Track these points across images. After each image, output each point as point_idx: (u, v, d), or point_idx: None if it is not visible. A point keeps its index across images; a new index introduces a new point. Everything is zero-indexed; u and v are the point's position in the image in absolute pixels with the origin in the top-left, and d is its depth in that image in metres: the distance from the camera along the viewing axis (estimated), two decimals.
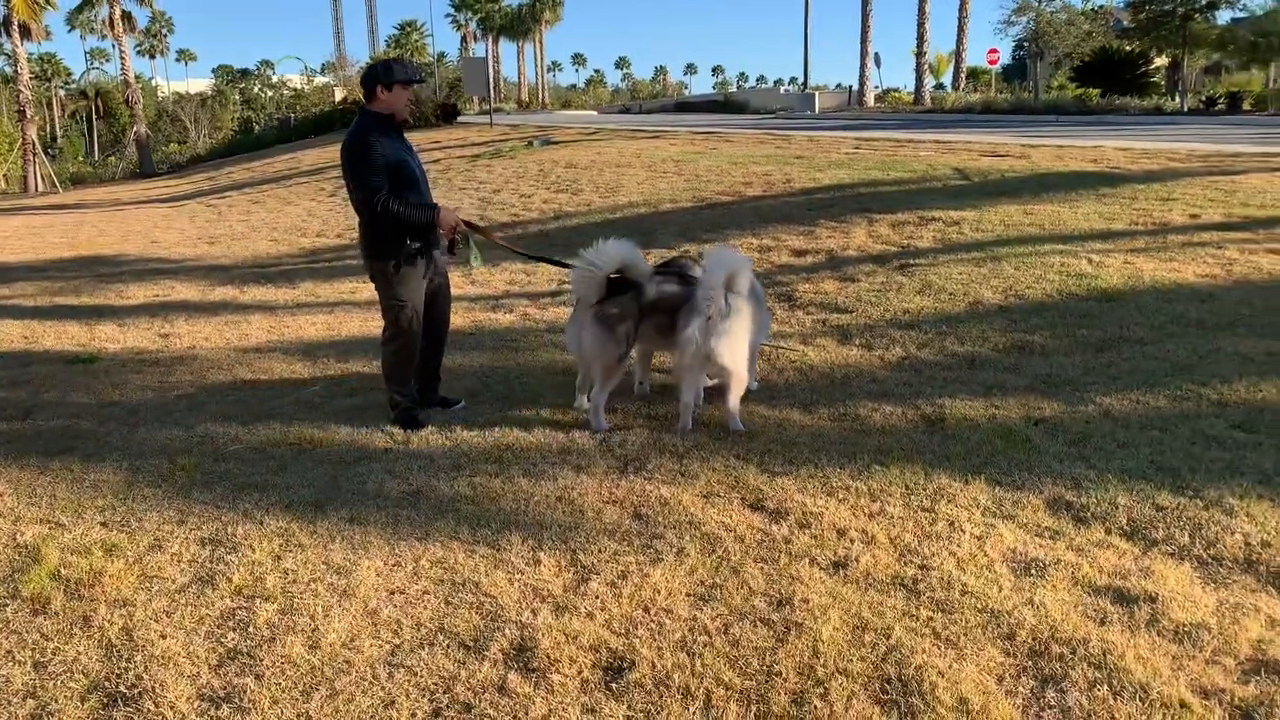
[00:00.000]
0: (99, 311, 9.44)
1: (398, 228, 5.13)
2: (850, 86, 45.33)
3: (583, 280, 5.27)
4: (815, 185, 12.24)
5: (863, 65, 38.25)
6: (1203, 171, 10.75)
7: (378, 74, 5.19)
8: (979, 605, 3.22)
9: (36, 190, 37.01)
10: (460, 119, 36.58)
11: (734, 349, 5.02)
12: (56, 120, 65.91)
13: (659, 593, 3.38)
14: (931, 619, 3.14)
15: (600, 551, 3.71)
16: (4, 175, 39.34)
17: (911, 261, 8.12)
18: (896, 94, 48.54)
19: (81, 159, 52.38)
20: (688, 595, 3.36)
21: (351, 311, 8.90)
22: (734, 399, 5.13)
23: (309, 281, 10.77)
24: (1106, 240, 8.07)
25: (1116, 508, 3.87)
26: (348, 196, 5.33)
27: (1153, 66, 35.56)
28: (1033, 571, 3.44)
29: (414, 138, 6.08)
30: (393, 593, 3.48)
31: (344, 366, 6.93)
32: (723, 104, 52.40)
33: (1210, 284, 6.73)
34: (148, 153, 44.37)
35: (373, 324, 8.04)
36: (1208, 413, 4.74)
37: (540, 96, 70.31)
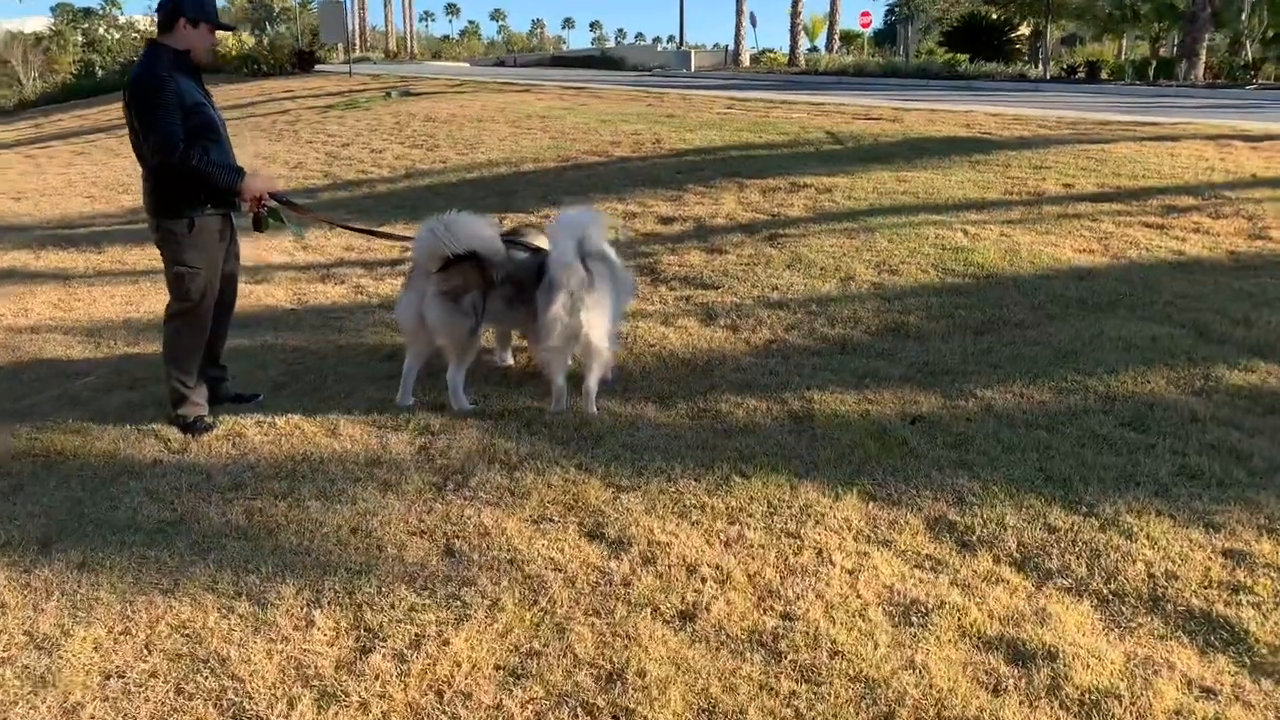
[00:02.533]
0: None
1: (194, 183, 4.26)
2: (727, 46, 44.87)
3: (426, 247, 4.58)
4: (685, 147, 11.59)
5: (738, 25, 37.75)
6: (1072, 139, 10.58)
7: (181, 4, 4.31)
8: (851, 671, 2.63)
9: None
10: (320, 68, 34.40)
11: (603, 322, 4.50)
12: None
13: (459, 666, 2.67)
14: (795, 695, 2.54)
15: (393, 607, 2.98)
16: None
17: (782, 232, 7.56)
18: (772, 55, 48.36)
19: None
20: (496, 669, 2.67)
21: (159, 282, 7.72)
22: (594, 379, 4.59)
23: (119, 245, 9.49)
24: (981, 210, 7.70)
25: (1005, 529, 3.36)
26: (131, 142, 4.39)
27: (1017, 34, 36.27)
28: (913, 618, 2.88)
29: (267, 86, 5.30)
30: (110, 676, 2.66)
31: (133, 350, 5.93)
32: (599, 60, 51.15)
33: (1088, 260, 6.39)
34: None
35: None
36: (1095, 408, 4.31)
37: (409, 46, 67.38)
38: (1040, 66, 28.40)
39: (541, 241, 5.17)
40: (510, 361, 5.40)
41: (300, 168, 13.57)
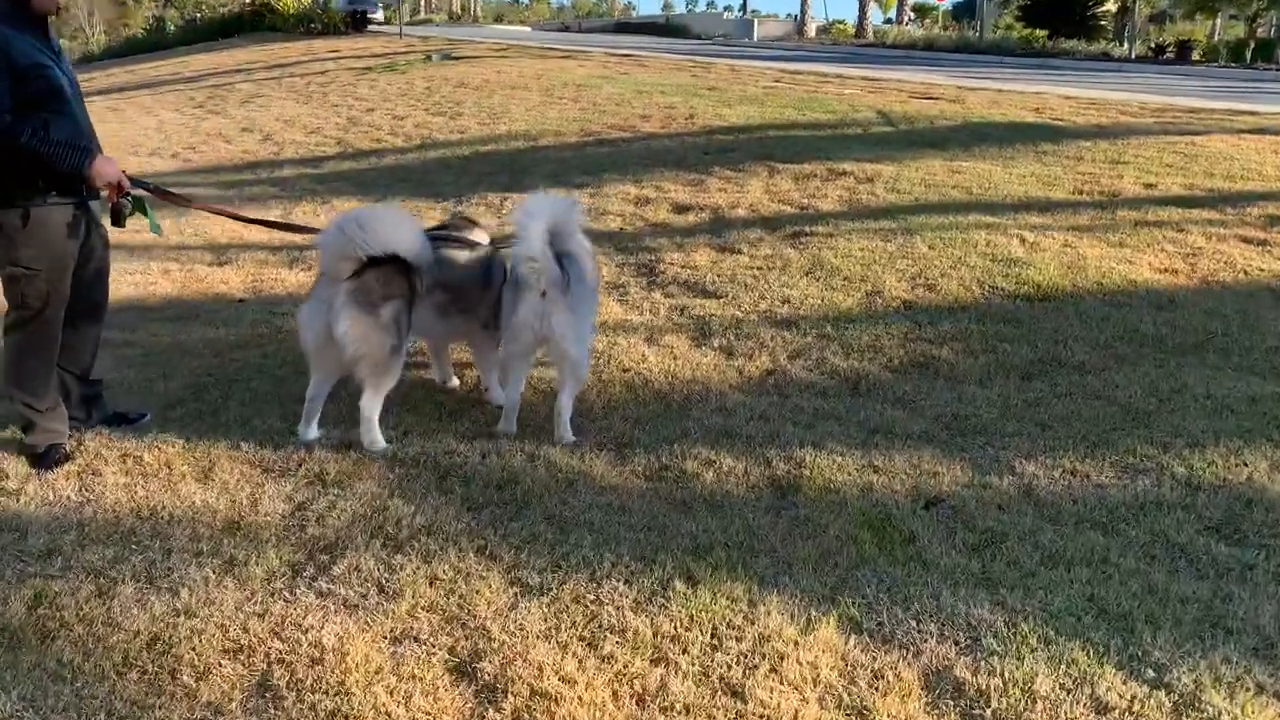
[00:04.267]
0: None
1: (27, 164, 3.42)
2: (795, 16, 43.23)
3: (334, 248, 3.74)
4: (720, 124, 10.54)
5: None
6: (1157, 129, 9.31)
7: None
8: None
9: None
10: (374, 28, 33.77)
11: (580, 329, 3.80)
12: None
13: None
14: None
15: None
16: None
17: (808, 229, 6.54)
18: (841, 26, 46.61)
19: None
20: None
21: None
22: (569, 397, 3.87)
23: None
24: (1044, 212, 6.58)
25: (1033, 701, 2.38)
26: None
27: (1101, 9, 34.15)
28: None
29: (316, 46, 4.44)
30: None
31: None
32: (664, 27, 49.95)
33: (1171, 283, 5.27)
34: None
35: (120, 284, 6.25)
36: (1172, 500, 3.27)
37: (472, 10, 66.62)
38: (1125, 45, 26.53)
39: (479, 236, 4.31)
40: (454, 383, 4.53)
41: (316, 133, 12.84)
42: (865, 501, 3.32)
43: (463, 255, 4.13)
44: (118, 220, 3.70)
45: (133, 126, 15.90)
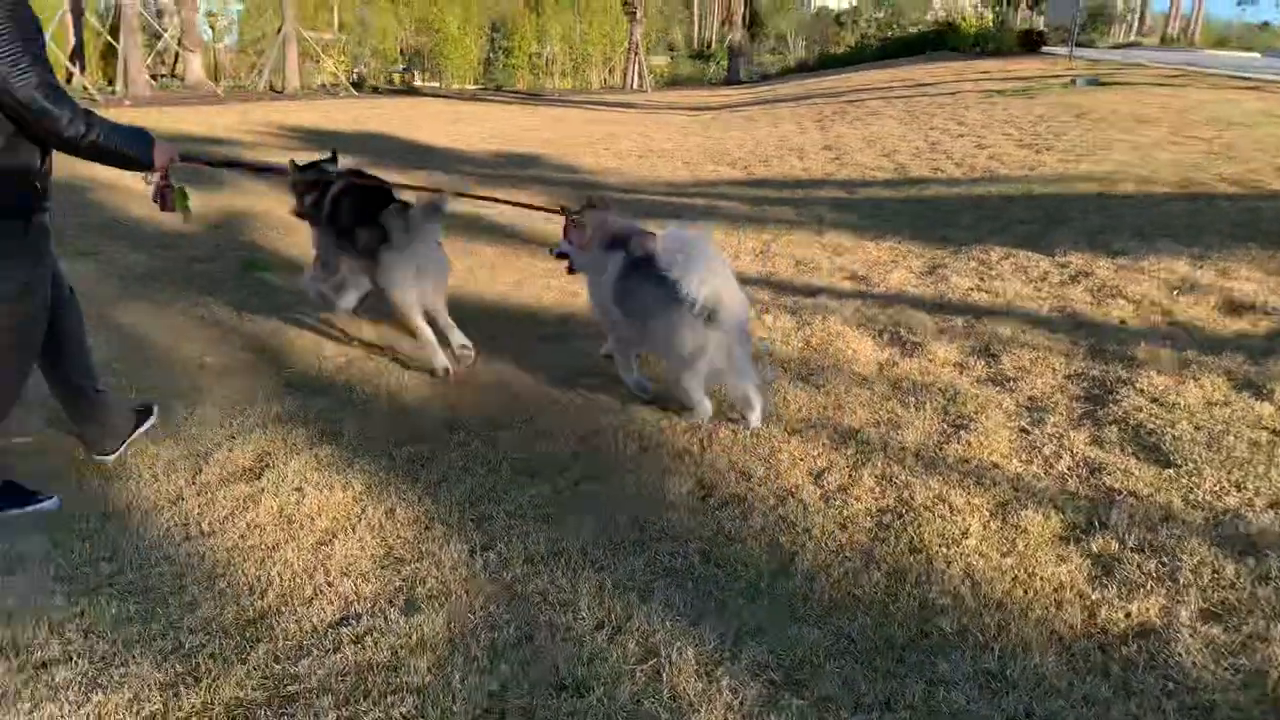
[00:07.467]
0: None
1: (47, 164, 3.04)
2: None
3: None
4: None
5: None
6: None
7: None
8: None
9: (631, 87, 40.23)
10: (1046, 49, 31.38)
11: None
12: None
13: None
14: None
15: None
16: (608, 72, 43.49)
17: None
18: None
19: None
20: None
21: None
22: None
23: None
24: None
25: None
26: None
27: None
28: None
29: (980, 65, 4.23)
30: None
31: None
32: None
33: None
34: (738, 61, 45.64)
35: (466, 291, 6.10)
36: None
37: (1191, 31, 58.93)
38: None
39: None
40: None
41: (887, 157, 11.92)
42: None
43: None
44: (164, 201, 3.32)
45: (739, 137, 16.53)
